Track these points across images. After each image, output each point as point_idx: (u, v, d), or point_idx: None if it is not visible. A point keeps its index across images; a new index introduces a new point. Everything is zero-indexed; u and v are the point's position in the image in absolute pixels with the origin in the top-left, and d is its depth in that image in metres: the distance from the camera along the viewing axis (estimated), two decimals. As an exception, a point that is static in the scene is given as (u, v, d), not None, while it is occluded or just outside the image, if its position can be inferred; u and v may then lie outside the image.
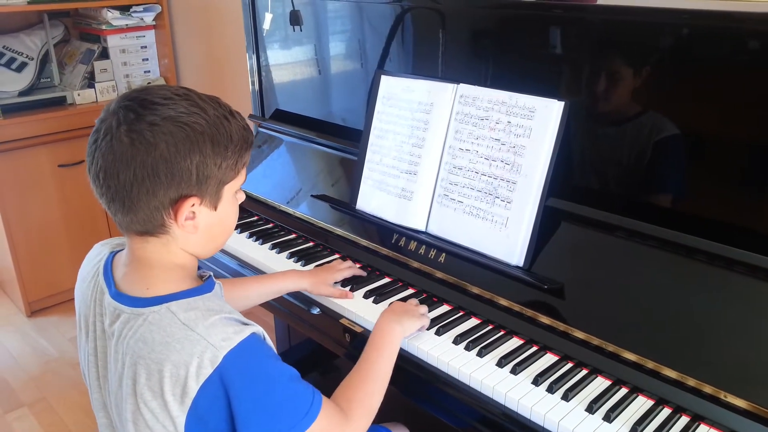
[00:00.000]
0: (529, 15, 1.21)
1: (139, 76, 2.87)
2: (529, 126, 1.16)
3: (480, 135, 1.23)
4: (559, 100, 1.12)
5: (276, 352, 0.88)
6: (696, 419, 0.93)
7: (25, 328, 2.64)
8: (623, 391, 0.99)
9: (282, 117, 1.82)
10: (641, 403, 0.97)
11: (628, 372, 1.00)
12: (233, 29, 2.44)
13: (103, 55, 2.77)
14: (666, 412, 0.95)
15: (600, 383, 1.01)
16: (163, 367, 0.80)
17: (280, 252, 1.47)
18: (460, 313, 1.20)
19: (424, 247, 1.29)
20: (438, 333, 1.14)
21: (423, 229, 1.32)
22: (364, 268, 1.36)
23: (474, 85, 1.25)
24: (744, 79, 0.98)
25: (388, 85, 1.40)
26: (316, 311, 1.28)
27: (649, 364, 0.98)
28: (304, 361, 1.82)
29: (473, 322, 1.18)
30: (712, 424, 0.92)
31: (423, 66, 1.42)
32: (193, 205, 0.85)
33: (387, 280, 1.33)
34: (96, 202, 0.87)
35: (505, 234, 1.18)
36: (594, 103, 1.16)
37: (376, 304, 1.24)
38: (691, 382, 0.94)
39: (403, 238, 1.33)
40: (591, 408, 0.95)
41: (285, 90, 1.82)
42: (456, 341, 1.12)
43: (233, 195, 0.91)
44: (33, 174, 2.55)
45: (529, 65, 1.24)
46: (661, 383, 0.96)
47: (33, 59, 2.64)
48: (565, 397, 0.98)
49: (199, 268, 0.96)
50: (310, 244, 1.52)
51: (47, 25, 2.64)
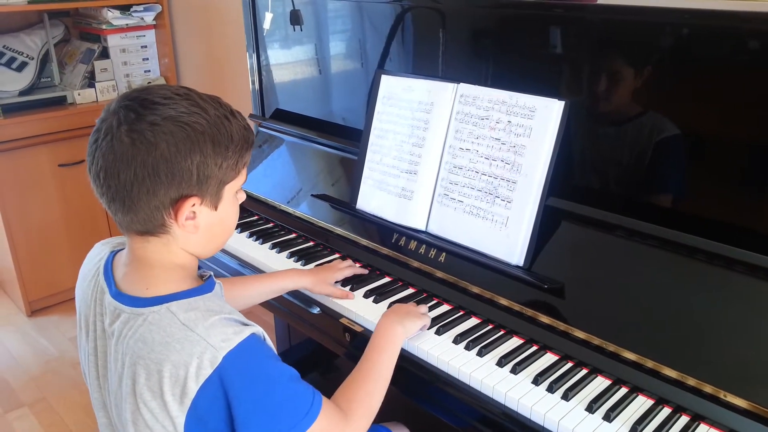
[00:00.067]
0: (530, 14, 1.21)
1: (139, 75, 2.87)
2: (530, 125, 1.16)
3: (480, 134, 1.23)
4: (559, 100, 1.12)
5: (276, 353, 0.88)
6: (696, 419, 0.93)
7: (26, 327, 2.64)
8: (623, 390, 0.99)
9: (282, 116, 1.82)
10: (641, 403, 0.97)
11: (628, 371, 1.00)
12: (233, 29, 2.44)
13: (104, 54, 2.77)
14: (666, 411, 0.95)
15: (600, 383, 1.01)
16: (162, 367, 0.80)
17: (280, 251, 1.48)
18: (460, 313, 1.20)
19: (424, 246, 1.29)
20: (438, 332, 1.14)
21: (423, 228, 1.32)
22: (364, 268, 1.36)
23: (474, 84, 1.25)
24: (744, 79, 0.98)
25: (389, 84, 1.40)
26: (316, 311, 1.28)
27: (649, 364, 0.98)
28: (304, 361, 1.82)
29: (473, 321, 1.18)
30: (712, 423, 0.92)
31: (423, 65, 1.42)
32: (194, 205, 0.85)
33: (387, 279, 1.33)
34: (96, 201, 0.87)
35: (505, 233, 1.18)
36: (594, 103, 1.16)
37: (377, 303, 1.24)
38: (691, 382, 0.94)
39: (404, 238, 1.33)
40: (591, 407, 0.95)
41: (285, 89, 1.82)
42: (456, 341, 1.12)
43: (234, 195, 0.91)
44: (33, 174, 2.55)
45: (529, 65, 1.24)
46: (661, 383, 0.96)
47: (33, 59, 2.64)
48: (565, 396, 0.98)
49: (200, 268, 0.96)
50: (311, 243, 1.52)
51: (47, 24, 2.64)
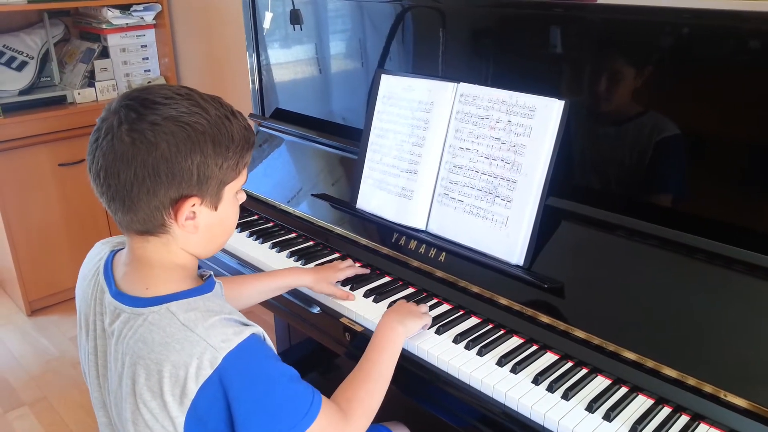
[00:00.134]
0: (530, 14, 1.21)
1: (139, 75, 2.87)
2: (530, 125, 1.16)
3: (480, 134, 1.23)
4: (559, 99, 1.12)
5: (276, 353, 0.88)
6: (696, 418, 0.93)
7: (26, 327, 2.64)
8: (623, 390, 0.99)
9: (282, 116, 1.82)
10: (641, 402, 0.97)
11: (628, 371, 1.00)
12: (233, 28, 2.44)
13: (104, 54, 2.77)
14: (666, 411, 0.95)
15: (600, 382, 1.01)
16: (162, 367, 0.80)
17: (280, 251, 1.48)
18: (460, 312, 1.20)
19: (424, 246, 1.29)
20: (438, 332, 1.14)
21: (423, 228, 1.32)
22: (364, 267, 1.36)
23: (474, 84, 1.25)
24: (744, 79, 0.98)
25: (389, 84, 1.40)
26: (316, 310, 1.28)
27: (649, 363, 0.98)
28: (304, 361, 1.82)
29: (473, 321, 1.18)
30: (712, 423, 0.92)
31: (423, 65, 1.42)
32: (194, 205, 0.85)
33: (387, 279, 1.33)
34: (96, 201, 0.87)
35: (505, 233, 1.18)
36: (594, 103, 1.16)
37: (377, 303, 1.24)
38: (691, 381, 0.94)
39: (404, 237, 1.33)
40: (591, 407, 0.95)
41: (285, 89, 1.82)
42: (456, 340, 1.12)
43: (234, 195, 0.91)
44: (33, 173, 2.55)
45: (529, 64, 1.24)
46: (661, 382, 0.96)
47: (33, 58, 2.64)
48: (565, 396, 0.98)
49: (200, 268, 0.96)
50: (311, 243, 1.52)
51: (47, 24, 2.64)
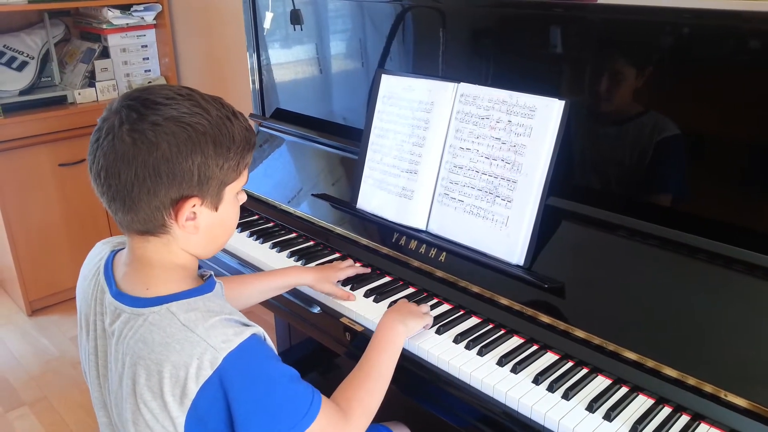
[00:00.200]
0: (530, 14, 1.21)
1: (139, 75, 2.87)
2: (530, 125, 1.16)
3: (480, 134, 1.23)
4: (559, 99, 1.12)
5: (276, 353, 0.88)
6: (696, 418, 0.93)
7: (26, 327, 2.64)
8: (623, 390, 0.99)
9: (283, 116, 1.82)
10: (641, 402, 0.97)
11: (629, 371, 1.00)
12: (234, 28, 2.44)
13: (104, 54, 2.77)
14: (666, 411, 0.95)
15: (600, 382, 1.01)
16: (162, 367, 0.80)
17: (280, 251, 1.48)
18: (461, 312, 1.21)
19: (424, 246, 1.29)
20: (438, 332, 1.14)
21: (423, 228, 1.32)
22: (364, 267, 1.36)
23: (475, 84, 1.25)
24: (744, 79, 0.98)
25: (389, 84, 1.40)
26: (316, 310, 1.28)
27: (650, 363, 0.98)
28: (305, 361, 1.83)
29: (474, 321, 1.18)
30: (713, 423, 0.92)
31: (423, 65, 1.42)
32: (194, 205, 0.85)
33: (387, 279, 1.33)
34: (97, 201, 0.87)
35: (505, 233, 1.18)
36: (595, 103, 1.16)
37: (377, 303, 1.24)
38: (691, 381, 0.94)
39: (404, 237, 1.33)
40: (591, 407, 0.95)
41: (286, 89, 1.82)
42: (456, 340, 1.12)
43: (234, 196, 0.91)
44: (33, 173, 2.56)
45: (529, 64, 1.24)
46: (661, 382, 0.96)
47: (34, 58, 2.64)
48: (566, 395, 0.98)
49: (200, 267, 0.96)
50: (311, 243, 1.52)
51: (48, 24, 2.64)
